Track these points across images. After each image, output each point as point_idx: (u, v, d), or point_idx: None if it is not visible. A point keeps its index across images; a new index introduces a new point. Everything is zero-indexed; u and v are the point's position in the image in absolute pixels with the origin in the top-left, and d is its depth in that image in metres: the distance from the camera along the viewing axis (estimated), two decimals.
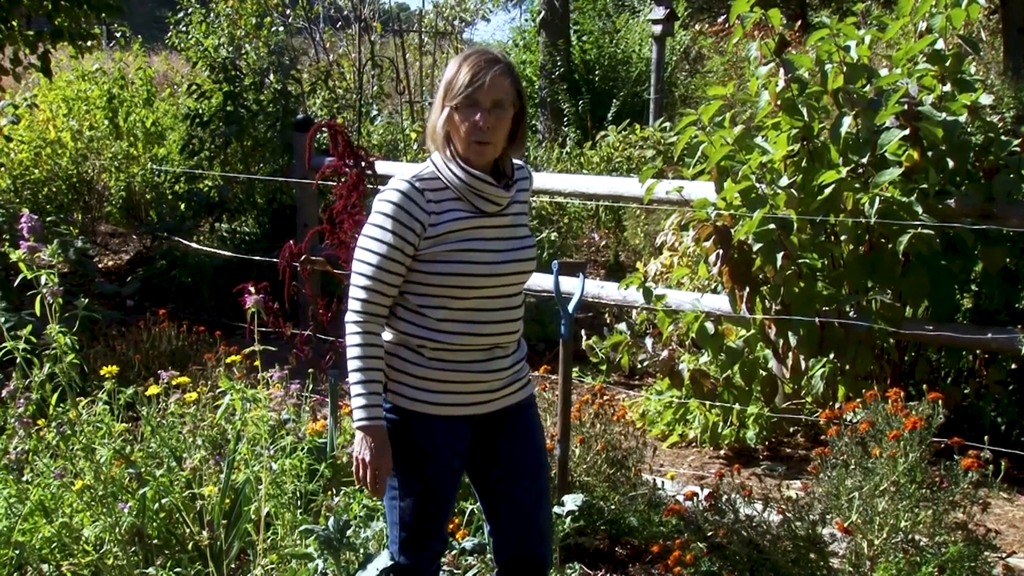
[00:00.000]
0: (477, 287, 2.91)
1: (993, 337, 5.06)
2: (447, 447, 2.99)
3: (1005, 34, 9.56)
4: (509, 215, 2.99)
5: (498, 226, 2.96)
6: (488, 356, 2.98)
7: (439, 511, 3.04)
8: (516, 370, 3.07)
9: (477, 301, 2.93)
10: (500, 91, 2.86)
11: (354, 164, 4.47)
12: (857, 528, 3.64)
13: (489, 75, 2.85)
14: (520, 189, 3.04)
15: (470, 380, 2.97)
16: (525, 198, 3.07)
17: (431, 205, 2.88)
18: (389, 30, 13.85)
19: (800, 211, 5.16)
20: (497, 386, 3.02)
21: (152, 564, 3.63)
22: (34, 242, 3.56)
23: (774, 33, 5.51)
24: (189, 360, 5.98)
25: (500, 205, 2.95)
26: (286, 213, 9.09)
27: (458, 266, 2.89)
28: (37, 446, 3.88)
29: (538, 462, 3.12)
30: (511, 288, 2.99)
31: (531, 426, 3.14)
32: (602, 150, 10.34)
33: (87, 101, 11.44)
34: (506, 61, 2.92)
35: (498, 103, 2.86)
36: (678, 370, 5.71)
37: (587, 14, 14.34)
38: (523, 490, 3.08)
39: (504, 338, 3.00)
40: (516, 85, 2.91)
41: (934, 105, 5.09)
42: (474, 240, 2.91)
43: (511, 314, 3.00)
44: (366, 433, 2.90)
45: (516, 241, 2.99)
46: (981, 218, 5.04)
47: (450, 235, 2.89)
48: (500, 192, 2.92)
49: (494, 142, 2.89)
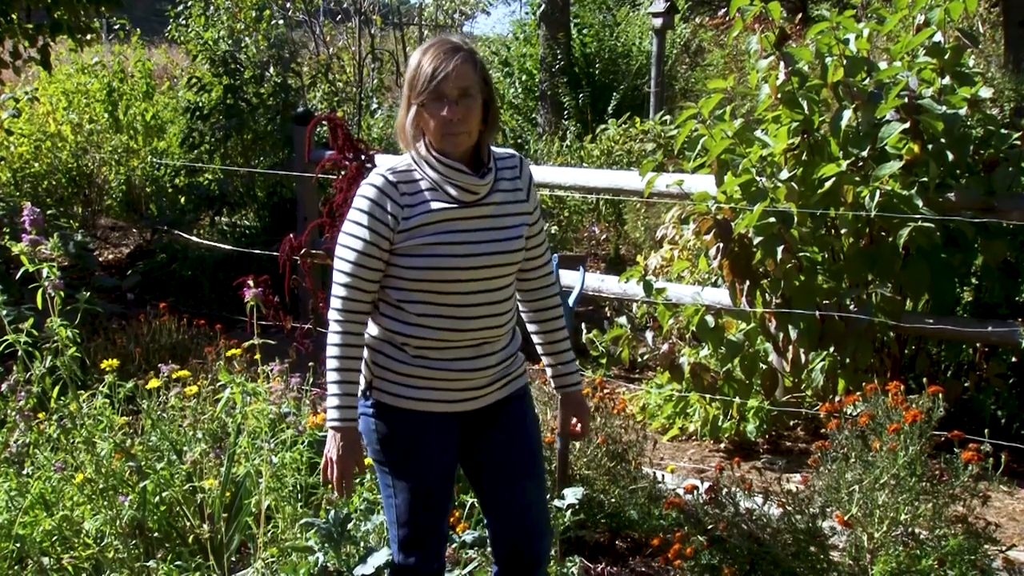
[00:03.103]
0: (456, 280, 2.85)
1: (993, 330, 5.07)
2: (436, 444, 2.96)
3: (1006, 27, 9.54)
4: (491, 204, 2.90)
5: (478, 216, 2.88)
6: (475, 353, 2.92)
7: (434, 508, 3.00)
8: (506, 364, 3.00)
9: (459, 296, 2.86)
10: (465, 79, 2.80)
11: (354, 157, 4.48)
12: (857, 521, 3.64)
13: (451, 65, 2.78)
14: (506, 178, 2.95)
15: (457, 378, 2.92)
16: (516, 186, 2.97)
17: (405, 198, 2.85)
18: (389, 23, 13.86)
19: (800, 204, 5.16)
20: (485, 382, 2.96)
21: (153, 557, 3.63)
22: (36, 235, 3.56)
23: (774, 26, 5.51)
24: (189, 353, 5.98)
25: (477, 194, 2.87)
26: (286, 207, 9.09)
27: (435, 259, 2.83)
28: (38, 439, 3.88)
29: (530, 456, 3.06)
30: (496, 280, 2.91)
31: (523, 419, 3.07)
32: (602, 143, 10.33)
33: (87, 94, 11.43)
34: (467, 48, 2.85)
35: (465, 92, 2.79)
36: (678, 363, 5.71)
37: (587, 7, 14.31)
38: (515, 487, 3.04)
39: (491, 332, 2.93)
40: (481, 71, 2.85)
41: (934, 98, 5.09)
42: (451, 232, 2.85)
43: (498, 307, 2.92)
44: (336, 432, 2.90)
45: (499, 232, 2.90)
46: (981, 211, 5.04)
47: (425, 227, 2.84)
48: (475, 181, 2.85)
49: (467, 131, 2.84)
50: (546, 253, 3.12)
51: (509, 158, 3.01)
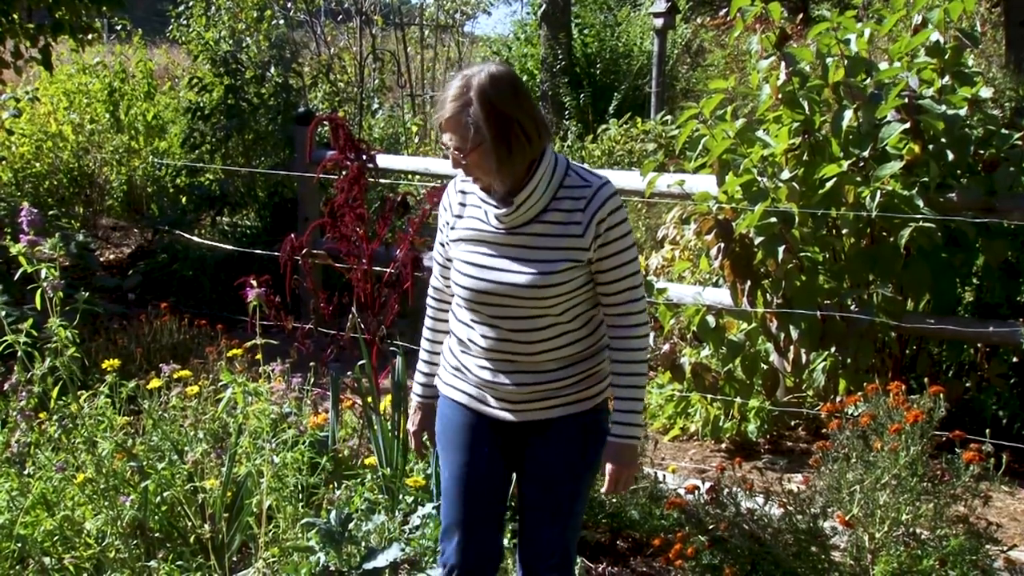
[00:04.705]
0: (478, 301, 2.90)
1: (994, 330, 5.06)
2: (466, 433, 3.03)
3: (1006, 27, 9.55)
4: (527, 234, 2.85)
5: (511, 244, 2.86)
6: (511, 368, 2.93)
7: (461, 501, 3.03)
8: (556, 387, 2.94)
9: (481, 315, 2.92)
10: (456, 128, 2.77)
11: (355, 157, 4.47)
12: (858, 521, 3.64)
13: (443, 116, 2.79)
14: (563, 208, 2.82)
15: (482, 384, 2.98)
16: (572, 219, 2.82)
17: (458, 208, 2.97)
18: (390, 23, 13.85)
19: (801, 204, 5.16)
20: (522, 398, 2.94)
21: (154, 557, 3.63)
22: (34, 236, 3.55)
23: (775, 27, 5.51)
24: (191, 353, 5.98)
25: (503, 223, 2.86)
26: (287, 207, 9.09)
27: (461, 276, 2.93)
28: (39, 439, 3.88)
29: (553, 479, 2.99)
30: (524, 309, 2.86)
31: (556, 443, 2.98)
32: (603, 143, 10.33)
33: (88, 94, 11.42)
34: (470, 93, 2.75)
35: (457, 139, 2.78)
36: (679, 363, 5.71)
37: (588, 7, 14.30)
38: (534, 504, 3.04)
39: (521, 357, 2.91)
40: (484, 110, 2.74)
41: (934, 98, 5.09)
42: (480, 254, 2.90)
43: (530, 335, 2.88)
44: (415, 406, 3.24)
45: (529, 264, 2.83)
46: (982, 212, 5.04)
47: (462, 241, 2.94)
48: (500, 212, 2.85)
49: (474, 174, 2.85)
50: (621, 295, 2.90)
51: (582, 188, 2.84)
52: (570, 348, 2.93)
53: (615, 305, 2.91)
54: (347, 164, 4.47)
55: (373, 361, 4.44)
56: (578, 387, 2.97)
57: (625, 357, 2.92)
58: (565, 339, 2.92)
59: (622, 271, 2.88)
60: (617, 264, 2.87)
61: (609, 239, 2.84)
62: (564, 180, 2.85)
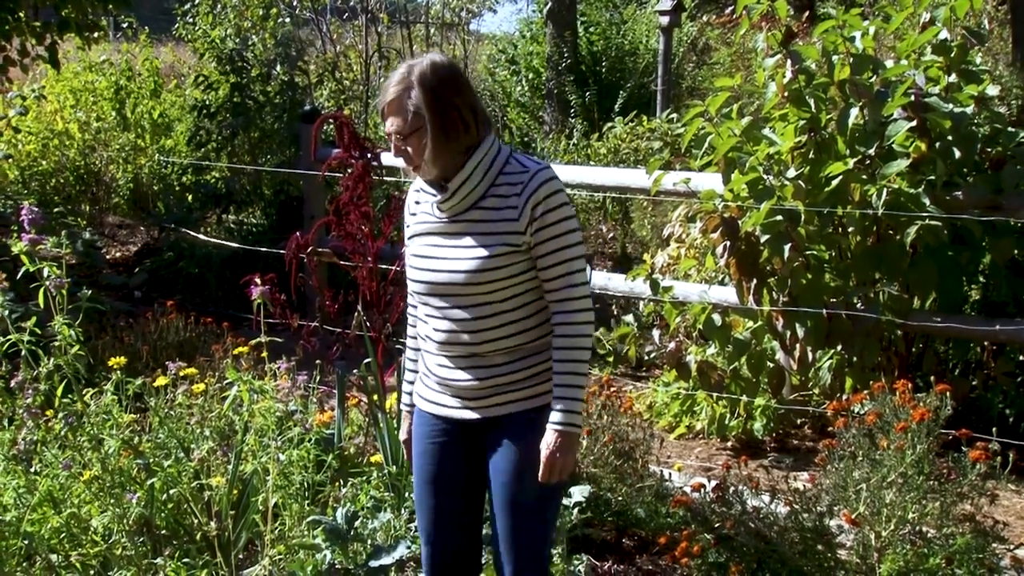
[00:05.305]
0: (425, 292, 2.94)
1: (1001, 329, 5.06)
2: (427, 441, 3.04)
3: (1014, 25, 9.53)
4: (466, 221, 2.87)
5: (452, 232, 2.89)
6: (467, 364, 2.92)
7: (425, 509, 3.06)
8: (501, 384, 2.92)
9: (431, 308, 2.94)
10: (397, 111, 2.82)
11: (360, 155, 4.47)
12: (864, 520, 3.64)
13: (387, 97, 2.84)
14: (499, 195, 2.84)
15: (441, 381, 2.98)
16: (509, 204, 2.84)
17: (413, 207, 3.03)
18: (396, 21, 13.86)
19: (807, 202, 5.15)
20: (481, 394, 2.93)
21: (160, 554, 3.63)
22: (35, 234, 3.56)
23: (781, 24, 5.50)
24: (196, 351, 5.99)
25: (443, 211, 2.89)
26: (293, 204, 9.09)
27: (411, 270, 2.99)
28: (45, 437, 3.88)
29: (511, 476, 2.92)
30: (470, 298, 2.86)
31: (514, 440, 2.92)
32: (609, 142, 10.32)
33: (94, 92, 11.42)
34: (411, 78, 2.81)
35: (399, 122, 2.82)
36: (685, 362, 5.71)
37: (594, 5, 14.29)
38: (500, 503, 2.97)
39: (474, 347, 2.89)
40: (424, 95, 2.78)
41: (941, 96, 5.08)
42: (425, 246, 2.95)
43: (478, 323, 2.87)
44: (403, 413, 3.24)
45: (468, 249, 2.85)
46: (989, 209, 5.03)
47: (415, 236, 2.99)
48: (437, 199, 2.90)
49: (413, 161, 2.86)
50: (560, 279, 2.86)
51: (520, 173, 2.85)
52: (518, 338, 2.90)
53: (555, 291, 2.88)
54: (352, 162, 4.47)
55: (379, 359, 4.44)
56: (531, 382, 2.93)
57: (565, 344, 2.87)
58: (512, 328, 2.89)
59: (561, 255, 2.85)
60: (555, 248, 2.84)
61: (546, 223, 2.83)
62: (504, 168, 2.86)
